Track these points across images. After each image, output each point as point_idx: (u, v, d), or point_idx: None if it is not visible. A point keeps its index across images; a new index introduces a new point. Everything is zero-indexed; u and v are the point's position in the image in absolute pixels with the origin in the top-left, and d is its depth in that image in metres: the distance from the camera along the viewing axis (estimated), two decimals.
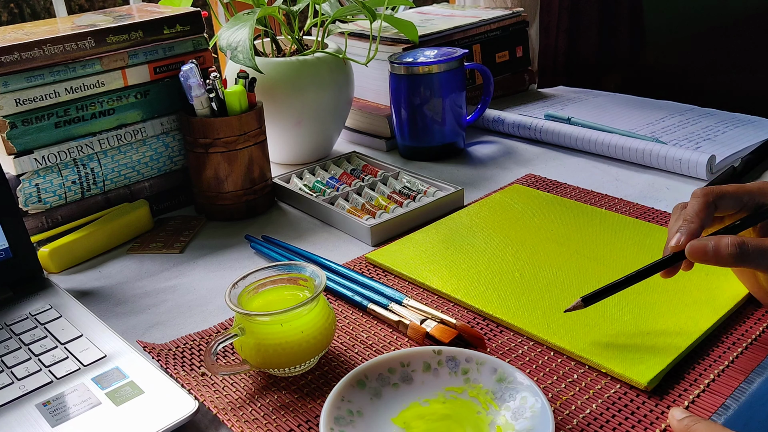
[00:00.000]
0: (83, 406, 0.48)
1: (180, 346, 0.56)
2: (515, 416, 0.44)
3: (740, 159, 0.77)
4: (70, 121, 0.73)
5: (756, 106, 0.98)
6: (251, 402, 0.49)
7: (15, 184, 0.70)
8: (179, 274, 0.68)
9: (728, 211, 0.52)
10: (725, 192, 0.51)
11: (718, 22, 1.42)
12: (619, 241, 0.66)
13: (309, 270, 0.53)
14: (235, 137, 0.75)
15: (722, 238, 0.48)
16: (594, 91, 1.13)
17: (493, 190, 0.81)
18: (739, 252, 0.47)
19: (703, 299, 0.55)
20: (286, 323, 0.49)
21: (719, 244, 0.48)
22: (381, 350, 0.54)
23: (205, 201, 0.79)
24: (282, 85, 0.84)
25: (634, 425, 0.45)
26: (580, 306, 0.51)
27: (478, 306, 0.58)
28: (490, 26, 1.07)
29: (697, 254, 0.49)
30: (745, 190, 0.51)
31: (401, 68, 0.88)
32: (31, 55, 0.69)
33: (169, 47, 0.78)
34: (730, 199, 0.51)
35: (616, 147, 0.85)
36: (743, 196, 0.51)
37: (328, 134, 0.92)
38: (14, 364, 0.53)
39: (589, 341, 0.52)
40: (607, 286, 0.51)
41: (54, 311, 0.59)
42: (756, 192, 0.51)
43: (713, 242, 0.48)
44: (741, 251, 0.47)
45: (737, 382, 0.48)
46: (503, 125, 0.98)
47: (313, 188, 0.81)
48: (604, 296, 0.52)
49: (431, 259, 0.65)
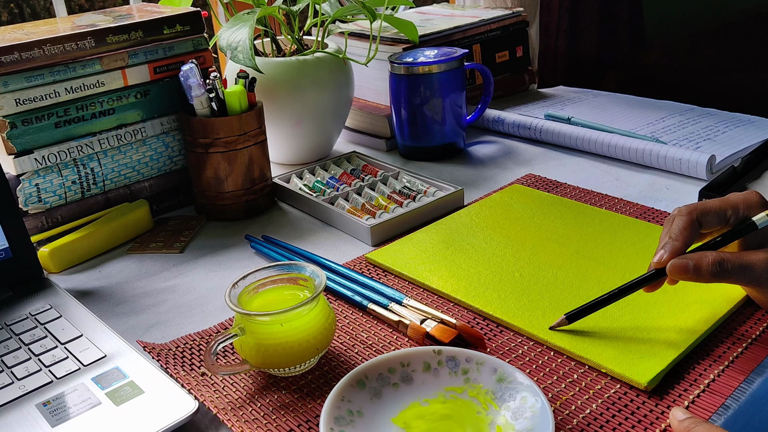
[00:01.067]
0: (83, 406, 0.48)
1: (180, 346, 0.56)
2: (515, 416, 0.44)
3: (740, 159, 0.77)
4: (70, 121, 0.73)
5: (756, 106, 0.98)
6: (251, 402, 0.49)
7: (15, 184, 0.70)
8: (179, 274, 0.68)
9: (713, 228, 0.53)
10: (709, 209, 0.52)
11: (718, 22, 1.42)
12: (619, 241, 0.66)
13: (309, 270, 0.53)
14: (235, 137, 0.75)
15: (703, 256, 0.50)
16: (594, 91, 1.13)
17: (493, 190, 0.81)
18: (719, 270, 0.50)
19: (703, 299, 0.55)
20: (286, 323, 0.49)
21: (700, 263, 0.50)
22: (381, 350, 0.54)
23: (205, 201, 0.79)
24: (282, 85, 0.84)
25: (634, 425, 0.45)
26: (564, 323, 0.54)
27: (478, 306, 0.58)
28: (490, 26, 1.07)
29: (678, 272, 0.51)
30: (729, 204, 0.53)
31: (401, 68, 0.88)
32: (31, 55, 0.69)
33: (169, 47, 0.78)
34: (714, 215, 0.52)
35: (616, 147, 0.85)
36: (727, 210, 0.52)
37: (328, 134, 0.92)
38: (14, 364, 0.53)
39: (589, 341, 0.52)
40: (590, 303, 0.54)
41: (54, 311, 0.59)
42: (740, 204, 0.52)
43: (694, 261, 0.50)
44: (721, 269, 0.50)
45: (737, 382, 0.48)
46: (503, 125, 0.98)
47: (313, 188, 0.81)
48: (588, 313, 0.54)
49: (431, 259, 0.65)
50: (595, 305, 0.53)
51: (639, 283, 0.53)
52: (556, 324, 0.54)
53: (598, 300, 0.53)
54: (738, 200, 0.53)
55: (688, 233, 0.52)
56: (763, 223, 0.51)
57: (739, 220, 0.52)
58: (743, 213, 0.52)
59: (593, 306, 0.53)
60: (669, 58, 1.50)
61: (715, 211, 0.52)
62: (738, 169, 0.76)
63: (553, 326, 0.54)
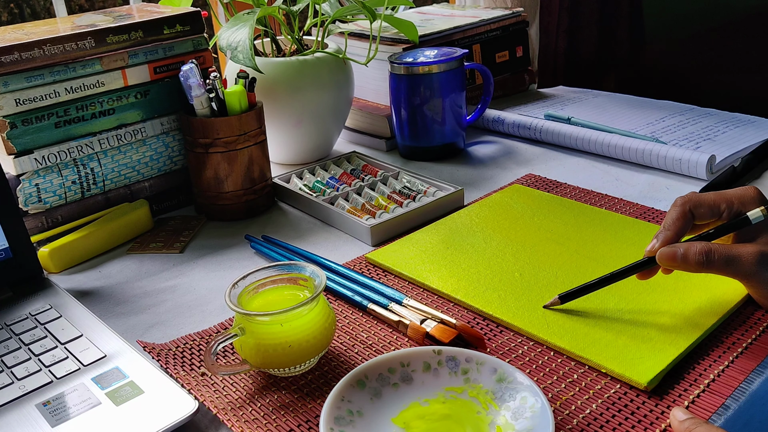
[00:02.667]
0: (83, 406, 0.48)
1: (180, 346, 0.56)
2: (515, 416, 0.44)
3: (740, 159, 0.77)
4: (70, 121, 0.73)
5: (756, 106, 0.98)
6: (251, 402, 0.49)
7: (15, 184, 0.70)
8: (179, 274, 0.68)
9: (706, 220, 0.55)
10: (703, 201, 0.54)
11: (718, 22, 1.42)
12: (619, 241, 0.66)
13: (309, 270, 0.53)
14: (235, 137, 0.75)
15: (691, 245, 0.52)
16: (594, 91, 1.13)
17: (493, 190, 0.81)
18: (705, 260, 0.51)
19: (703, 299, 0.56)
20: (286, 323, 0.49)
21: (687, 252, 0.52)
22: (381, 350, 0.54)
23: (205, 201, 0.79)
24: (282, 85, 0.84)
25: (634, 425, 0.45)
26: (557, 303, 0.56)
27: (478, 306, 0.58)
28: (490, 26, 1.07)
29: (667, 260, 0.53)
30: (724, 198, 0.54)
31: (401, 68, 0.88)
32: (31, 55, 0.69)
33: (169, 47, 0.78)
34: (707, 208, 0.54)
35: (616, 147, 0.85)
36: (721, 204, 0.54)
37: (328, 134, 0.92)
38: (14, 364, 0.53)
39: (589, 341, 0.52)
40: (583, 285, 0.56)
41: (54, 311, 0.59)
42: (735, 199, 0.54)
43: (682, 249, 0.52)
44: (707, 259, 0.51)
45: (737, 382, 0.48)
46: (503, 125, 0.98)
47: (313, 188, 0.81)
48: (580, 295, 0.56)
49: (431, 259, 0.65)
50: (587, 287, 0.56)
51: (631, 269, 0.55)
52: (550, 303, 0.56)
53: (591, 283, 0.56)
54: (733, 195, 0.54)
55: (681, 223, 0.53)
56: (757, 219, 0.52)
57: (733, 215, 0.53)
58: (737, 208, 0.53)
59: (586, 288, 0.55)
60: (669, 58, 1.50)
61: (708, 203, 0.54)
62: (738, 169, 0.76)
63: (547, 305, 0.56)
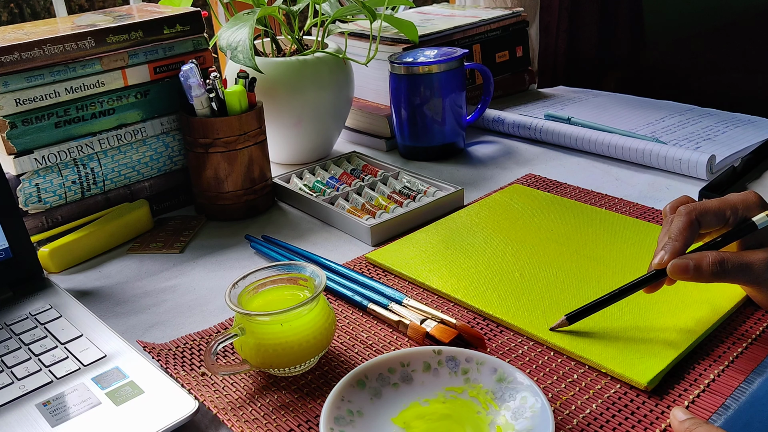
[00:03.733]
0: (83, 406, 0.48)
1: (180, 346, 0.56)
2: (515, 416, 0.44)
3: (740, 159, 0.77)
4: (70, 121, 0.73)
5: (756, 106, 0.98)
6: (251, 402, 0.49)
7: (15, 184, 0.70)
8: (179, 274, 0.68)
9: (712, 228, 0.53)
10: (708, 209, 0.52)
11: (718, 22, 1.42)
12: (619, 241, 0.66)
13: (309, 270, 0.53)
14: (235, 137, 0.75)
15: (703, 256, 0.50)
16: (594, 91, 1.13)
17: (493, 190, 0.81)
18: (719, 269, 0.50)
19: (703, 299, 0.55)
20: (286, 323, 0.49)
21: (700, 263, 0.50)
22: (381, 350, 0.54)
23: (205, 201, 0.79)
24: (282, 85, 0.84)
25: (634, 425, 0.45)
26: (565, 324, 0.53)
27: (478, 306, 0.58)
28: (490, 26, 1.07)
29: (679, 272, 0.51)
30: (728, 204, 0.53)
31: (401, 68, 0.88)
32: (31, 55, 0.69)
33: (169, 47, 0.78)
34: (713, 215, 0.52)
35: (616, 147, 0.85)
36: (726, 210, 0.52)
37: (328, 134, 0.92)
38: (14, 364, 0.53)
39: (589, 341, 0.52)
40: (590, 304, 0.54)
41: (54, 311, 0.59)
42: (739, 205, 0.53)
43: (694, 261, 0.50)
44: (721, 268, 0.50)
45: (737, 382, 0.48)
46: (503, 125, 0.98)
47: (313, 188, 0.81)
48: (589, 314, 0.54)
49: (431, 259, 0.65)
50: (595, 306, 0.53)
51: (639, 283, 0.53)
52: (557, 325, 0.54)
53: (598, 301, 0.53)
54: (737, 200, 0.53)
55: (688, 233, 0.52)
56: (763, 224, 0.51)
57: (739, 221, 0.52)
58: (742, 213, 0.52)
59: (593, 307, 0.53)
60: (669, 58, 1.51)
61: (714, 211, 0.52)
62: (738, 169, 0.76)
63: (554, 327, 0.54)
